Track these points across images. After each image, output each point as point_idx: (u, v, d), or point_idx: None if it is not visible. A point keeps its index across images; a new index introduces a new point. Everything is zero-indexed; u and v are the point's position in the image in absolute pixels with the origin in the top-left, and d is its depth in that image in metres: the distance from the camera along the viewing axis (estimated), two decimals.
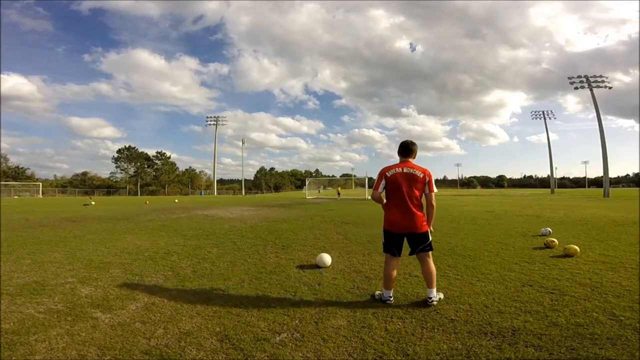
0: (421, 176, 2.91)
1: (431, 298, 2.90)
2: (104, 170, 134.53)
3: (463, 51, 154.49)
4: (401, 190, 2.91)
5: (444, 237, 6.69)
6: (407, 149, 3.03)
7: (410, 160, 3.01)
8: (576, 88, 38.07)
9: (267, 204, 20.97)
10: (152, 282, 3.63)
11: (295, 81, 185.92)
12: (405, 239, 3.02)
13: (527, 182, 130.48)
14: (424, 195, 2.96)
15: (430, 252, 3.00)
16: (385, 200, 3.10)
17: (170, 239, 6.52)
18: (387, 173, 2.98)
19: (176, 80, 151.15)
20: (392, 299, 2.99)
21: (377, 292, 3.16)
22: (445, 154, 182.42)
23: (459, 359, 2.03)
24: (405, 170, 2.93)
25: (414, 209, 2.90)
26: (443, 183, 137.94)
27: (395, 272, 3.04)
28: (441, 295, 3.05)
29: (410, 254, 3.04)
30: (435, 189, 2.96)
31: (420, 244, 2.95)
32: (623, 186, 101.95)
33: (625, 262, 4.35)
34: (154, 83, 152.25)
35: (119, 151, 68.66)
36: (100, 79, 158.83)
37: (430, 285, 2.95)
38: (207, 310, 2.81)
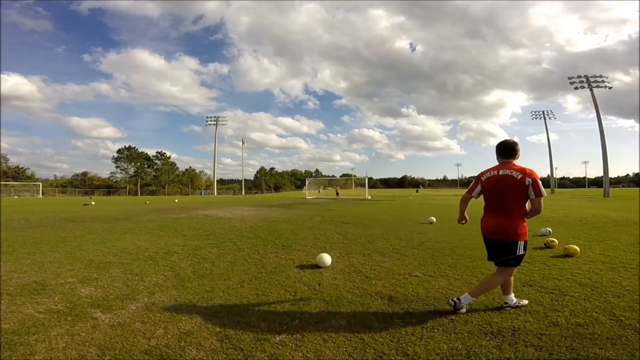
0: (519, 177, 2.55)
1: (460, 301, 2.69)
2: (104, 170, 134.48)
3: (463, 51, 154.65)
4: (494, 194, 2.68)
5: (444, 237, 6.69)
6: (508, 150, 2.70)
7: (512, 162, 2.68)
8: (576, 88, 38.11)
9: (267, 204, 20.97)
10: (152, 282, 3.63)
11: (295, 81, 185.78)
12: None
13: None
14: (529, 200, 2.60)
15: (507, 268, 2.69)
16: (465, 205, 2.91)
17: (170, 239, 6.52)
18: (482, 177, 2.75)
19: (176, 80, 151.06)
20: (513, 302, 2.80)
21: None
22: (445, 154, 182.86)
23: (459, 359, 2.03)
24: (501, 173, 2.64)
25: (503, 215, 2.63)
26: (443, 183, 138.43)
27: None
28: (464, 305, 2.71)
29: (489, 259, 2.79)
30: (544, 193, 2.54)
31: (504, 255, 2.65)
32: (623, 186, 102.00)
33: (625, 262, 4.35)
34: (153, 83, 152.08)
35: (119, 151, 68.68)
36: (100, 79, 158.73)
37: (473, 293, 2.71)
38: (207, 310, 2.81)
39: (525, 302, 2.90)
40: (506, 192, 2.60)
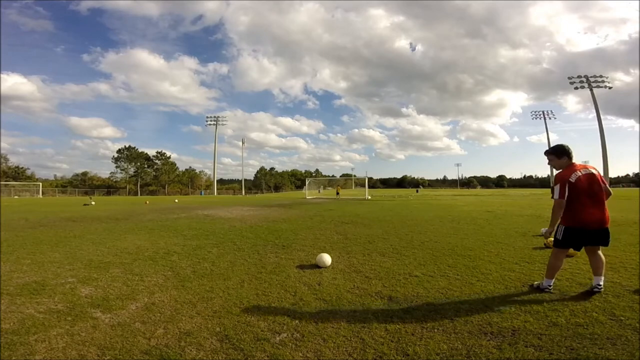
0: (597, 173, 3.13)
1: (600, 285, 3.10)
2: (104, 170, 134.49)
3: (463, 51, 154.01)
4: (591, 190, 3.08)
5: (444, 237, 6.69)
6: (569, 153, 3.21)
7: (575, 162, 3.22)
8: (576, 88, 38.23)
9: (267, 204, 20.96)
10: (152, 282, 3.63)
11: (295, 81, 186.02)
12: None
13: (527, 182, 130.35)
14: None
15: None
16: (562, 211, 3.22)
17: (170, 239, 6.52)
18: (570, 179, 3.09)
19: (175, 80, 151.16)
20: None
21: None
22: (445, 153, 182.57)
23: (459, 359, 2.03)
24: (583, 172, 3.11)
25: (604, 206, 3.08)
26: (443, 183, 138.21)
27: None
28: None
29: (591, 244, 3.15)
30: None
31: (607, 238, 3.09)
32: (623, 186, 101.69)
33: (625, 262, 4.35)
34: (153, 83, 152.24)
35: (119, 151, 68.56)
36: (100, 79, 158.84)
37: (599, 274, 3.12)
38: (207, 310, 2.82)
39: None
40: (600, 187, 3.09)
